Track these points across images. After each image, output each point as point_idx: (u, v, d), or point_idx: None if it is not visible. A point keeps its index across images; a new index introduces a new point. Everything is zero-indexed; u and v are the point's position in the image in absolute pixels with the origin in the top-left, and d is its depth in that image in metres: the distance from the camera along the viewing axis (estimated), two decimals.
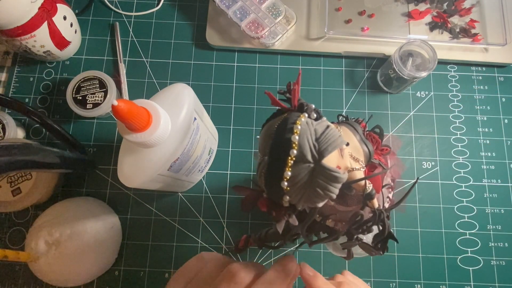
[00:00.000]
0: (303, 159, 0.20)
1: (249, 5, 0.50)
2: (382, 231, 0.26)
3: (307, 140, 0.20)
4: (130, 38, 0.53)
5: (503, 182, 0.49)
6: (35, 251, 0.39)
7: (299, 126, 0.21)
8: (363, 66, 0.53)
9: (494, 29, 0.52)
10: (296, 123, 0.21)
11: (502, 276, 0.46)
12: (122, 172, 0.33)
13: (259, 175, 0.23)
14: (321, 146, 0.20)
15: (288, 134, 0.21)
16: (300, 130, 0.20)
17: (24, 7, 0.40)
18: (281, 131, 0.21)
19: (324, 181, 0.20)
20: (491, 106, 0.51)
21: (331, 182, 0.20)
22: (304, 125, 0.21)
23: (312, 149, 0.20)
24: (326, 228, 0.27)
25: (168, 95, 0.34)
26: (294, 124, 0.21)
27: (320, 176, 0.20)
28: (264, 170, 0.22)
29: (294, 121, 0.21)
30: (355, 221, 0.25)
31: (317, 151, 0.20)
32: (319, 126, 0.21)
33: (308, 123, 0.21)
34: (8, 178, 0.41)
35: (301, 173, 0.20)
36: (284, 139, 0.21)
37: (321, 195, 0.21)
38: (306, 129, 0.21)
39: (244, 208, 0.25)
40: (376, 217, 0.25)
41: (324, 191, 0.20)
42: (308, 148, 0.20)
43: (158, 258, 0.46)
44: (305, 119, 0.21)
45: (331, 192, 0.20)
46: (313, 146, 0.20)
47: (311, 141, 0.20)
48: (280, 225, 0.24)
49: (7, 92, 0.51)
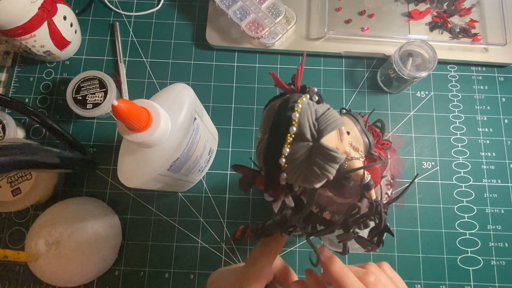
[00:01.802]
0: (302, 137, 0.20)
1: (249, 5, 0.50)
2: (378, 224, 0.26)
3: (307, 118, 0.20)
4: (130, 38, 0.53)
5: (503, 182, 0.49)
6: (35, 251, 0.39)
7: (300, 105, 0.21)
8: (363, 66, 0.53)
9: (494, 29, 0.52)
10: (297, 102, 0.21)
11: (502, 276, 0.46)
12: (122, 172, 0.33)
13: (258, 153, 0.23)
14: (320, 125, 0.20)
15: (288, 112, 0.21)
16: (301, 108, 0.21)
17: (24, 7, 0.40)
18: (282, 109, 0.21)
19: (322, 160, 0.20)
20: (491, 106, 0.51)
21: (328, 162, 0.20)
22: (305, 105, 0.21)
23: (312, 128, 0.20)
24: (323, 220, 0.27)
25: (168, 95, 0.34)
26: (295, 103, 0.21)
27: (318, 155, 0.20)
28: (264, 147, 0.22)
29: (296, 100, 0.21)
30: (352, 213, 0.25)
31: (316, 130, 0.20)
32: (320, 107, 0.21)
33: (309, 103, 0.21)
34: (8, 178, 0.41)
35: (300, 150, 0.21)
36: (284, 116, 0.21)
37: (318, 174, 0.21)
38: (307, 108, 0.21)
39: (242, 186, 0.26)
40: (373, 208, 0.25)
41: (322, 170, 0.20)
42: (307, 126, 0.20)
43: (158, 258, 0.46)
44: (306, 99, 0.21)
45: (328, 172, 0.21)
46: (313, 125, 0.20)
47: (311, 120, 0.20)
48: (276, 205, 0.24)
49: (7, 92, 0.51)
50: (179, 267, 0.46)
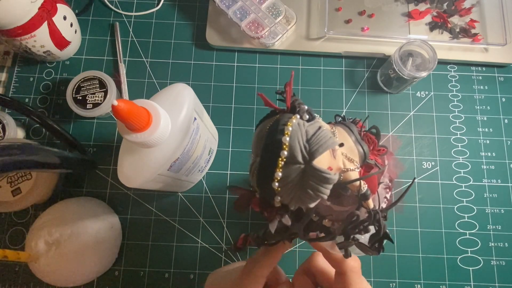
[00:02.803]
0: (293, 160, 0.20)
1: (249, 5, 0.50)
2: (377, 231, 0.26)
3: (297, 141, 0.20)
4: (130, 38, 0.53)
5: (503, 182, 0.49)
6: (35, 251, 0.39)
7: (290, 128, 0.21)
8: (363, 66, 0.53)
9: (494, 29, 0.52)
10: (287, 125, 0.21)
11: (502, 276, 0.46)
12: (122, 172, 0.33)
13: (251, 175, 0.23)
14: (311, 147, 0.20)
15: (279, 135, 0.21)
16: (291, 131, 0.20)
17: (24, 7, 0.40)
18: (273, 132, 0.21)
19: (314, 182, 0.20)
20: (491, 106, 0.51)
21: (321, 183, 0.20)
22: (295, 126, 0.21)
23: (303, 150, 0.20)
24: (322, 228, 0.27)
25: (168, 95, 0.34)
26: (285, 126, 0.21)
27: (310, 177, 0.20)
28: (256, 170, 0.22)
29: (285, 122, 0.21)
30: (351, 221, 0.25)
31: (307, 152, 0.20)
32: (311, 127, 0.21)
33: (300, 124, 0.21)
34: (8, 178, 0.41)
35: (292, 174, 0.20)
36: (275, 140, 0.21)
37: (312, 196, 0.21)
38: (297, 130, 0.21)
39: (237, 208, 0.26)
40: (371, 217, 0.25)
41: (315, 192, 0.20)
42: (298, 149, 0.20)
43: (158, 258, 0.46)
44: (296, 120, 0.21)
45: (322, 193, 0.21)
46: (304, 147, 0.20)
47: (302, 142, 0.20)
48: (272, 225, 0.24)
49: (7, 92, 0.51)
50: (179, 267, 0.46)
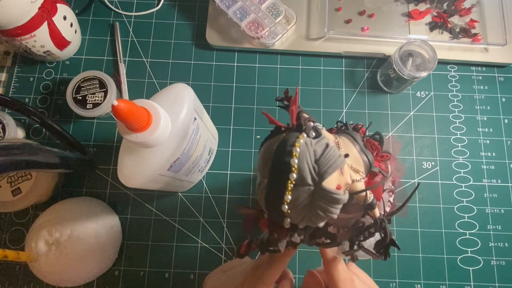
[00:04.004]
0: (303, 183, 0.20)
1: (249, 5, 0.50)
2: (383, 238, 0.26)
3: (306, 163, 0.20)
4: (130, 38, 0.53)
5: (503, 182, 0.49)
6: (35, 251, 0.39)
7: (298, 149, 0.20)
8: (363, 66, 0.53)
9: (494, 29, 0.52)
10: (295, 146, 0.20)
11: (502, 276, 0.46)
12: (122, 172, 0.33)
13: (259, 197, 0.22)
14: (321, 168, 0.20)
15: (287, 158, 0.20)
16: (299, 152, 0.20)
17: (24, 7, 0.40)
18: (280, 153, 0.21)
19: (324, 203, 0.20)
20: (491, 106, 0.51)
21: (331, 204, 0.20)
22: (303, 147, 0.20)
23: (312, 172, 0.20)
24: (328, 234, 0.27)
25: (168, 95, 0.34)
26: (293, 147, 0.20)
27: (320, 199, 0.20)
28: (264, 192, 0.22)
29: (293, 143, 0.21)
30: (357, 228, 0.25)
31: (317, 173, 0.20)
32: (318, 146, 0.21)
33: (307, 144, 0.21)
34: (8, 178, 0.41)
35: (302, 196, 0.20)
36: (283, 162, 0.20)
37: (322, 216, 0.21)
38: (306, 151, 0.20)
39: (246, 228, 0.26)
40: (377, 225, 0.25)
41: (325, 212, 0.20)
42: (308, 171, 0.20)
43: (158, 258, 0.46)
44: (303, 140, 0.21)
45: (332, 213, 0.20)
46: (313, 169, 0.20)
47: (311, 164, 0.20)
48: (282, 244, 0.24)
49: (7, 92, 0.51)
50: (179, 267, 0.46)
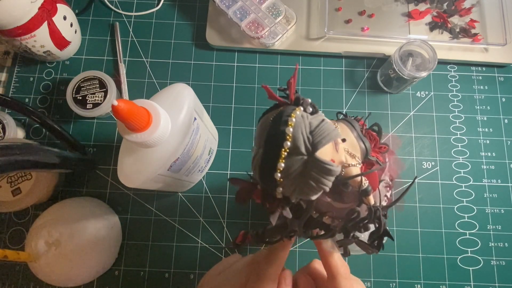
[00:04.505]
0: (296, 151, 0.20)
1: (249, 5, 0.50)
2: (378, 228, 0.26)
3: (301, 132, 0.20)
4: (130, 38, 0.53)
5: (503, 182, 0.49)
6: (35, 251, 0.39)
7: (294, 119, 0.21)
8: (363, 66, 0.53)
9: (494, 29, 0.52)
10: (291, 116, 0.21)
11: (502, 276, 0.46)
12: (122, 172, 0.33)
13: (254, 167, 0.23)
14: (315, 138, 0.20)
15: (282, 126, 0.21)
16: (295, 122, 0.21)
17: (24, 7, 0.40)
18: (276, 123, 0.21)
19: (317, 173, 0.20)
20: (491, 106, 0.51)
21: (324, 175, 0.20)
22: (299, 118, 0.21)
23: (306, 142, 0.20)
24: (322, 225, 0.27)
25: (168, 95, 0.34)
26: (289, 117, 0.21)
27: (313, 168, 0.20)
28: (259, 161, 0.22)
29: (289, 113, 0.21)
30: (351, 218, 0.25)
31: (311, 143, 0.20)
32: (314, 119, 0.21)
33: (303, 116, 0.21)
34: (8, 178, 0.41)
35: (295, 165, 0.20)
36: (278, 131, 0.21)
37: (314, 187, 0.21)
38: (301, 121, 0.21)
39: (239, 199, 0.26)
40: (372, 214, 0.25)
41: (317, 183, 0.20)
42: (302, 140, 0.20)
43: (158, 258, 0.46)
44: (300, 112, 0.21)
45: (324, 185, 0.21)
46: (307, 139, 0.20)
47: (305, 134, 0.20)
48: (273, 217, 0.24)
49: (7, 92, 0.51)
50: (179, 267, 0.46)
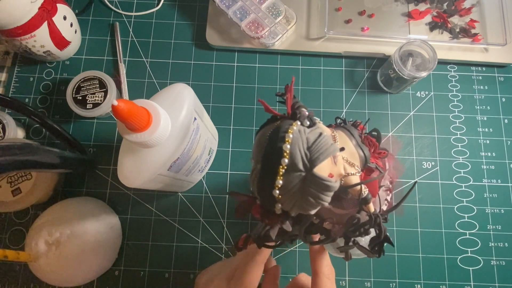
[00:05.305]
0: (294, 168, 0.20)
1: (249, 5, 0.50)
2: (378, 235, 0.26)
3: (298, 149, 0.20)
4: (130, 38, 0.53)
5: (503, 182, 0.49)
6: (35, 251, 0.39)
7: (291, 135, 0.21)
8: (363, 66, 0.53)
9: (494, 29, 0.52)
10: (288, 132, 0.21)
11: (502, 276, 0.46)
12: (122, 172, 0.33)
13: (252, 182, 0.23)
14: (312, 155, 0.20)
15: (279, 143, 0.21)
16: (292, 138, 0.20)
17: (24, 7, 0.40)
18: (273, 139, 0.21)
19: (315, 190, 0.20)
20: (491, 106, 0.51)
21: (322, 191, 0.20)
22: (296, 134, 0.21)
23: (304, 158, 0.20)
24: (323, 231, 0.27)
25: (168, 95, 0.34)
26: (286, 133, 0.21)
27: (311, 185, 0.20)
28: (257, 177, 0.22)
29: (286, 129, 0.21)
30: (352, 224, 0.25)
31: (308, 160, 0.20)
32: (311, 134, 0.21)
33: (300, 131, 0.21)
34: (8, 178, 0.41)
35: (293, 181, 0.20)
36: (275, 147, 0.21)
37: (313, 203, 0.21)
38: (298, 137, 0.20)
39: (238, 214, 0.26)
40: (372, 221, 0.25)
41: (316, 199, 0.20)
42: (299, 157, 0.20)
43: (158, 258, 0.46)
44: (297, 127, 0.21)
45: (323, 201, 0.21)
46: (305, 155, 0.20)
47: (303, 150, 0.20)
48: (273, 231, 0.24)
49: (7, 92, 0.51)
50: (179, 267, 0.46)
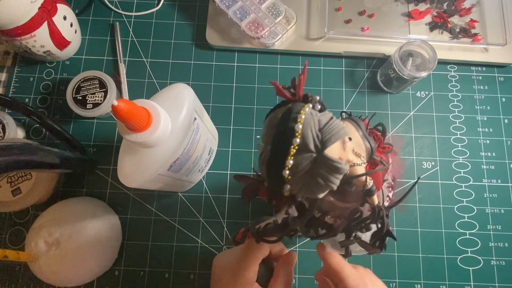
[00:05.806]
0: (305, 148, 0.20)
1: (249, 5, 0.50)
2: (380, 228, 0.26)
3: (310, 129, 0.20)
4: (130, 38, 0.53)
5: (503, 182, 0.49)
6: (35, 251, 0.39)
7: (303, 116, 0.21)
8: (363, 66, 0.53)
9: (494, 29, 0.52)
10: (300, 113, 0.21)
11: (502, 276, 0.46)
12: (122, 172, 0.33)
13: (261, 164, 0.23)
14: (324, 136, 0.20)
15: (291, 123, 0.21)
16: (304, 119, 0.20)
17: (24, 7, 0.40)
18: (285, 120, 0.21)
19: (325, 171, 0.20)
20: (491, 106, 0.51)
21: (332, 173, 0.20)
22: (308, 115, 0.21)
23: (315, 139, 0.20)
24: (324, 224, 0.27)
25: (168, 95, 0.34)
26: (298, 114, 0.21)
27: (322, 166, 0.20)
28: (266, 158, 0.22)
29: (298, 110, 0.21)
30: (354, 218, 0.25)
31: (320, 141, 0.20)
32: (323, 117, 0.21)
33: (312, 114, 0.21)
34: (8, 178, 0.41)
35: (303, 162, 0.20)
36: (287, 128, 0.21)
37: (322, 185, 0.21)
38: (310, 119, 0.21)
39: (245, 197, 0.26)
40: (375, 214, 0.25)
41: (325, 181, 0.20)
42: (311, 137, 0.20)
43: (158, 258, 0.46)
44: (309, 109, 0.21)
45: (332, 183, 0.20)
46: (316, 136, 0.20)
47: (314, 131, 0.20)
48: (280, 215, 0.24)
49: (7, 92, 0.51)
50: (179, 267, 0.46)
